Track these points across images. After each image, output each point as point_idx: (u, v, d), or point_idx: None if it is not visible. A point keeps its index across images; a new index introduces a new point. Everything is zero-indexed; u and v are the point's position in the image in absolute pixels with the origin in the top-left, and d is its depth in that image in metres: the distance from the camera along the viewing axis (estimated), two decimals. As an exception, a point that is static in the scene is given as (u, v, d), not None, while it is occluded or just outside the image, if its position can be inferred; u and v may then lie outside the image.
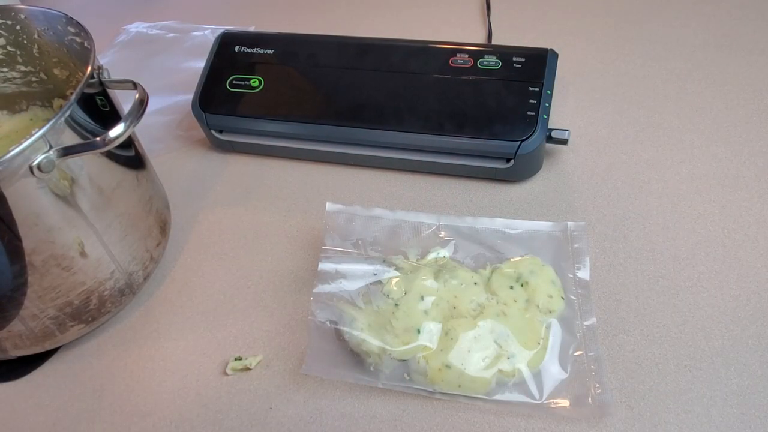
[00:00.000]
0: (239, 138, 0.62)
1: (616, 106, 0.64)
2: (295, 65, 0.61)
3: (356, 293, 0.47)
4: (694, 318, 0.47)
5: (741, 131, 0.60)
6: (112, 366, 0.50)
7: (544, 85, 0.55)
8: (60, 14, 0.49)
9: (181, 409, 0.46)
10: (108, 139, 0.40)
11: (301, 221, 0.57)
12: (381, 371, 0.44)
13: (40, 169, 0.38)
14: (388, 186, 0.60)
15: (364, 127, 0.57)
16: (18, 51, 0.52)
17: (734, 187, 0.55)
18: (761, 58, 0.66)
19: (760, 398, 0.42)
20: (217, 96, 0.61)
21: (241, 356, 0.48)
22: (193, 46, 0.80)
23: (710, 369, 0.44)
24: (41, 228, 0.42)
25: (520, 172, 0.57)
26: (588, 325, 0.45)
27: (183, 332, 0.51)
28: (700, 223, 0.53)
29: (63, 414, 0.47)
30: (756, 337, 0.45)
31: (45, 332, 0.47)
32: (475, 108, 0.55)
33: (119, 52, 0.81)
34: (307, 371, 0.45)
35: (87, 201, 0.44)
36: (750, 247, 0.51)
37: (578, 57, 0.69)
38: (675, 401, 0.43)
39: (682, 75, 0.66)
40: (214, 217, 0.59)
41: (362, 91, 0.59)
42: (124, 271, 0.49)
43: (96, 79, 0.44)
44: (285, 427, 0.44)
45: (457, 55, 0.58)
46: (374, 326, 0.45)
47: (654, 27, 0.72)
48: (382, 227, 0.51)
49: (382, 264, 0.48)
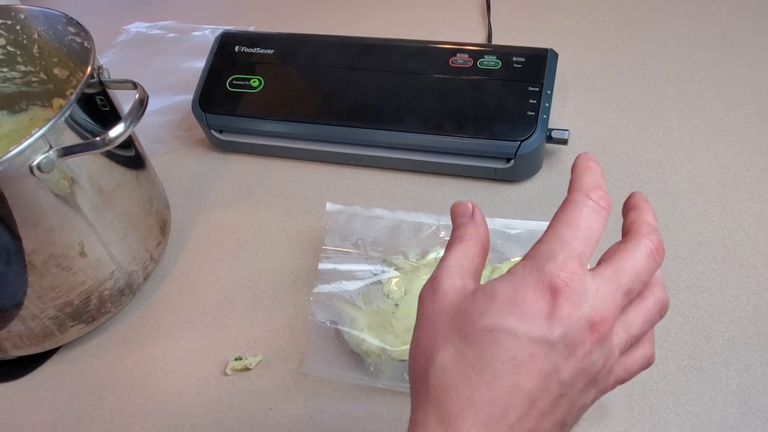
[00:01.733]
0: (239, 138, 0.62)
1: (616, 106, 0.64)
2: (295, 65, 0.61)
3: (356, 293, 0.47)
4: (694, 318, 0.47)
5: (741, 131, 0.60)
6: (112, 366, 0.50)
7: (544, 85, 0.55)
8: (60, 14, 0.49)
9: (181, 409, 0.46)
10: (108, 139, 0.40)
11: (301, 221, 0.57)
12: (381, 371, 0.44)
13: (40, 169, 0.38)
14: (388, 186, 0.60)
15: (364, 127, 0.57)
16: (18, 51, 0.52)
17: (734, 187, 0.55)
18: (761, 58, 0.66)
19: (760, 398, 0.42)
20: (217, 96, 0.61)
21: (241, 356, 0.48)
22: (193, 46, 0.79)
23: (710, 369, 0.44)
24: (41, 228, 0.42)
25: (520, 172, 0.57)
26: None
27: (183, 332, 0.51)
28: (700, 223, 0.53)
29: (63, 414, 0.47)
30: (756, 337, 0.45)
31: (45, 332, 0.47)
32: (475, 108, 0.55)
33: (119, 52, 0.81)
34: (307, 371, 0.45)
35: (87, 201, 0.44)
36: (750, 247, 0.51)
37: (578, 57, 0.69)
38: (675, 401, 0.43)
39: (682, 75, 0.66)
40: (214, 217, 0.59)
41: (362, 91, 0.59)
42: (124, 271, 0.49)
43: (96, 79, 0.44)
44: (285, 427, 0.44)
45: (457, 55, 0.58)
46: (374, 326, 0.45)
47: (654, 27, 0.72)
48: (382, 227, 0.51)
49: (382, 264, 0.48)
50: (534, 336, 0.26)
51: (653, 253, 0.28)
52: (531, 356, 0.26)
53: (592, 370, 0.27)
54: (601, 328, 0.26)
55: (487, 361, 0.26)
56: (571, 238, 0.27)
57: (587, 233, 0.27)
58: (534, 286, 0.26)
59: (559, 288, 0.26)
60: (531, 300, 0.26)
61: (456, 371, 0.26)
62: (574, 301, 0.26)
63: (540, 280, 0.26)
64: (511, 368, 0.26)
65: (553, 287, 0.26)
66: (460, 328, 0.27)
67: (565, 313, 0.26)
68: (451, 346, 0.27)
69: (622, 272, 0.27)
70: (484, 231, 0.31)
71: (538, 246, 0.28)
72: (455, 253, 0.30)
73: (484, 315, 0.27)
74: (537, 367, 0.26)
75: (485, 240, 0.31)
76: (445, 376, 0.27)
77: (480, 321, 0.27)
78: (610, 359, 0.27)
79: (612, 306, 0.26)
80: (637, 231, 0.29)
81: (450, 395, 0.26)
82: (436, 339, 0.28)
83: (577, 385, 0.27)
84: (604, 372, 0.27)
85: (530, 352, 0.26)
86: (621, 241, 0.29)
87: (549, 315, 0.26)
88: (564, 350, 0.26)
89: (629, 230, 0.29)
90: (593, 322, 0.26)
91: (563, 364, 0.26)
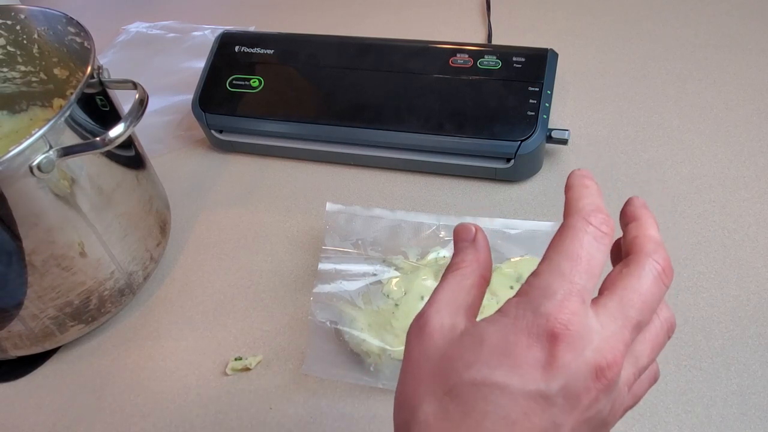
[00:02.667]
0: (239, 138, 0.62)
1: (616, 106, 0.64)
2: (295, 65, 0.61)
3: (356, 293, 0.47)
4: (694, 318, 0.47)
5: (741, 131, 0.60)
6: (112, 366, 0.50)
7: (544, 85, 0.55)
8: (60, 14, 0.49)
9: (181, 409, 0.46)
10: (108, 139, 0.40)
11: (301, 221, 0.57)
12: (381, 371, 0.44)
13: (40, 169, 0.38)
14: (388, 186, 0.60)
15: (364, 127, 0.57)
16: (18, 51, 0.52)
17: (734, 187, 0.55)
18: (761, 58, 0.66)
19: (760, 398, 0.42)
20: (217, 96, 0.61)
21: (241, 356, 0.48)
22: (193, 46, 0.79)
23: (710, 369, 0.44)
24: (41, 228, 0.42)
25: (520, 172, 0.57)
26: (588, 325, 0.45)
27: (183, 332, 0.51)
28: (700, 223, 0.53)
29: (63, 414, 0.47)
30: (756, 337, 0.45)
31: (45, 332, 0.47)
32: (475, 108, 0.55)
33: (119, 52, 0.81)
34: (307, 371, 0.45)
35: (87, 201, 0.44)
36: (750, 247, 0.51)
37: (578, 57, 0.69)
38: (675, 401, 0.43)
39: (682, 75, 0.66)
40: (214, 217, 0.59)
41: (362, 91, 0.59)
42: (124, 271, 0.49)
43: (96, 79, 0.44)
44: (285, 427, 0.44)
45: (457, 55, 0.58)
46: (374, 326, 0.45)
47: (654, 27, 0.72)
48: (382, 227, 0.51)
49: (382, 264, 0.48)
50: (529, 390, 0.22)
51: (660, 276, 0.25)
52: (526, 414, 0.22)
53: (600, 417, 0.24)
54: (609, 373, 0.23)
55: (474, 420, 0.23)
56: (570, 271, 0.24)
57: (589, 264, 0.24)
58: (528, 331, 0.23)
59: (558, 333, 0.23)
60: (524, 347, 0.23)
61: (439, 429, 0.23)
62: (575, 346, 0.23)
63: (535, 324, 0.23)
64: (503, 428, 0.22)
65: (551, 332, 0.23)
66: (444, 379, 0.24)
67: (565, 362, 0.22)
68: (434, 399, 0.24)
69: (628, 304, 0.24)
70: (485, 257, 0.28)
71: (533, 280, 0.24)
72: (448, 284, 0.27)
73: (470, 365, 0.23)
74: (533, 425, 0.22)
75: (485, 267, 0.28)
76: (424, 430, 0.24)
77: (466, 373, 0.23)
78: (619, 399, 0.25)
79: (620, 345, 0.23)
80: (641, 250, 0.26)
81: None
82: (419, 389, 0.25)
83: None
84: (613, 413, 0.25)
85: (524, 409, 0.22)
86: (623, 264, 0.26)
87: (546, 365, 0.22)
88: (565, 403, 0.23)
89: (631, 249, 0.26)
90: (599, 368, 0.23)
91: (565, 417, 0.23)
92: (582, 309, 0.23)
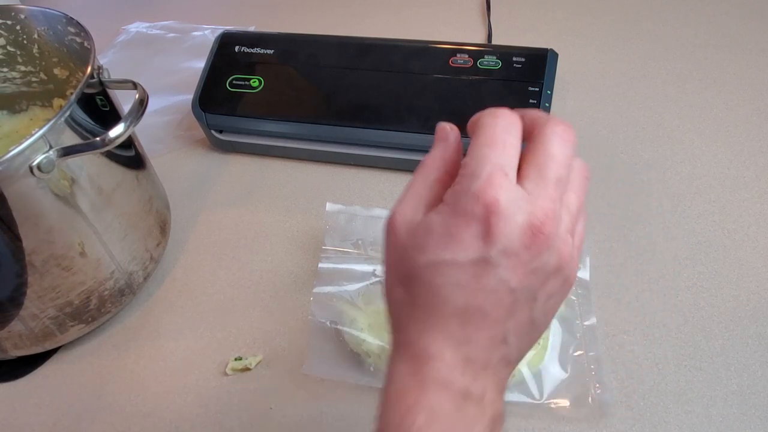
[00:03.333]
0: (239, 138, 0.62)
1: (616, 106, 0.64)
2: (295, 65, 0.61)
3: (356, 293, 0.47)
4: (694, 318, 0.47)
5: (741, 131, 0.60)
6: (112, 366, 0.49)
7: (544, 85, 0.55)
8: (60, 14, 0.49)
9: (181, 409, 0.46)
10: (108, 139, 0.40)
11: (301, 221, 0.57)
12: (381, 371, 0.44)
13: (40, 169, 0.38)
14: (388, 186, 0.60)
15: (364, 127, 0.57)
16: (18, 51, 0.52)
17: (734, 187, 0.55)
18: (761, 58, 0.66)
19: (760, 398, 0.42)
20: (217, 96, 0.61)
21: (241, 356, 0.48)
22: (193, 46, 0.79)
23: (710, 369, 0.44)
24: (41, 228, 0.42)
25: (520, 172, 0.57)
26: (588, 325, 0.45)
27: (183, 332, 0.51)
28: (700, 223, 0.53)
29: (63, 414, 0.47)
30: (756, 337, 0.45)
31: (45, 332, 0.47)
32: (475, 108, 0.54)
33: (119, 52, 0.81)
34: (307, 371, 0.45)
35: (87, 201, 0.44)
36: (750, 247, 0.51)
37: (578, 57, 0.69)
38: (675, 401, 0.43)
39: (682, 75, 0.66)
40: (214, 217, 0.59)
41: (362, 91, 0.59)
42: (124, 271, 0.49)
43: (96, 79, 0.44)
44: (285, 427, 0.44)
45: (457, 55, 0.58)
46: (374, 326, 0.45)
47: (654, 27, 0.72)
48: (382, 227, 0.50)
49: (382, 264, 0.48)
50: (473, 259, 0.26)
51: (564, 135, 0.28)
52: (475, 277, 0.26)
53: (550, 265, 0.27)
54: (545, 228, 0.26)
55: (433, 292, 0.27)
56: (490, 154, 0.27)
57: (504, 145, 0.27)
58: (464, 211, 0.26)
59: (490, 205, 0.25)
60: (464, 227, 0.26)
61: (407, 305, 0.28)
62: (507, 214, 0.25)
63: (469, 204, 0.26)
64: (457, 291, 0.26)
65: (484, 207, 0.26)
66: (406, 266, 0.28)
67: (499, 229, 0.25)
68: (400, 284, 0.28)
69: (545, 167, 0.27)
70: (452, 154, 0.30)
71: (462, 171, 0.27)
72: (415, 180, 0.30)
73: (423, 251, 0.27)
74: (483, 285, 0.26)
75: (451, 164, 0.30)
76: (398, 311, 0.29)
77: (420, 258, 0.27)
78: (566, 246, 0.27)
79: (548, 203, 0.26)
80: (537, 125, 0.28)
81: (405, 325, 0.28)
82: (390, 278, 0.29)
83: (533, 286, 0.27)
84: (566, 258, 0.28)
85: (472, 273, 0.26)
86: (529, 143, 0.29)
87: (485, 236, 0.26)
88: (507, 262, 0.26)
89: (530, 132, 0.29)
90: (534, 227, 0.26)
91: (509, 274, 0.26)
92: (507, 182, 0.26)
